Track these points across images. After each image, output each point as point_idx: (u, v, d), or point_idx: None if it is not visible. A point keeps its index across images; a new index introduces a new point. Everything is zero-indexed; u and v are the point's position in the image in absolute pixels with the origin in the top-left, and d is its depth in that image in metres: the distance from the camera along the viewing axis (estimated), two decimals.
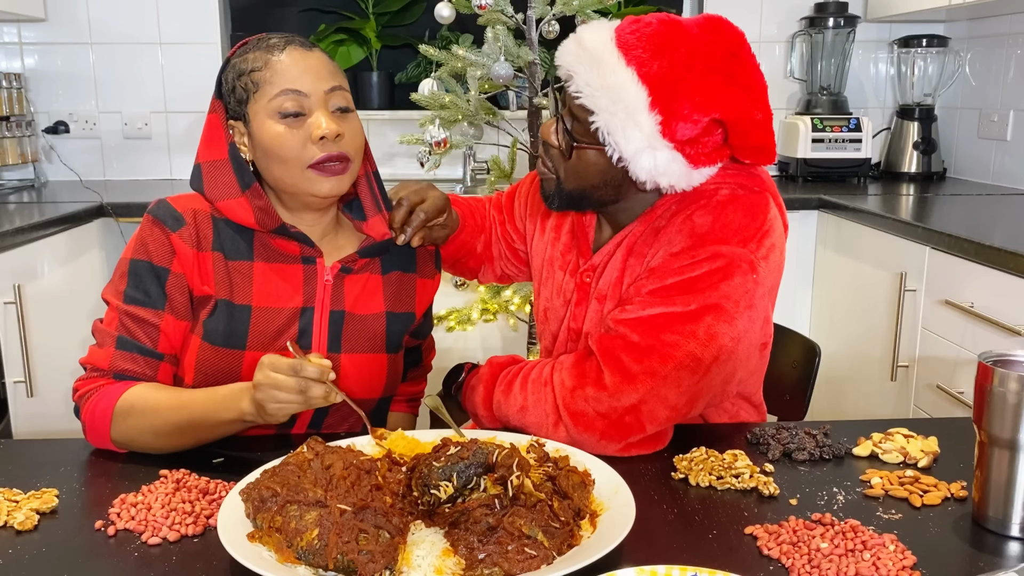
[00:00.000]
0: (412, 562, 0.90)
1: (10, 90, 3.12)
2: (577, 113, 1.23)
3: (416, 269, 1.41)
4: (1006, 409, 0.95)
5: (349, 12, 3.39)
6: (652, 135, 1.18)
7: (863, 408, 2.63)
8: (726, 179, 1.26)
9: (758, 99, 1.22)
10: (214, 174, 1.26)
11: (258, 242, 1.28)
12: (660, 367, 1.17)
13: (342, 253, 1.32)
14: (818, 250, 2.91)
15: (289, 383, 1.06)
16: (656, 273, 1.22)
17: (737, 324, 1.18)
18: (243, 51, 1.26)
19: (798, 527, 0.97)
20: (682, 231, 1.22)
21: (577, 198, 1.30)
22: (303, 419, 1.31)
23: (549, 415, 1.20)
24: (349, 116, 1.25)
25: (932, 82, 3.31)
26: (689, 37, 1.19)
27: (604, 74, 1.18)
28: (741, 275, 1.19)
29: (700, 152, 1.21)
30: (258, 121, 1.22)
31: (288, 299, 1.28)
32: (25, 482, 1.11)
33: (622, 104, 1.17)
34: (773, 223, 1.24)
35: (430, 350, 1.58)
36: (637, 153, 1.19)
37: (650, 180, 1.21)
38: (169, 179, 3.39)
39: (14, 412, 2.32)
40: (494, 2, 2.27)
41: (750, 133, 1.22)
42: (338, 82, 1.25)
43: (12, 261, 2.30)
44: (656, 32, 1.19)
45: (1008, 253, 1.93)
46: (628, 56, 1.18)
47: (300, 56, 1.23)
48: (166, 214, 1.25)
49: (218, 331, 1.25)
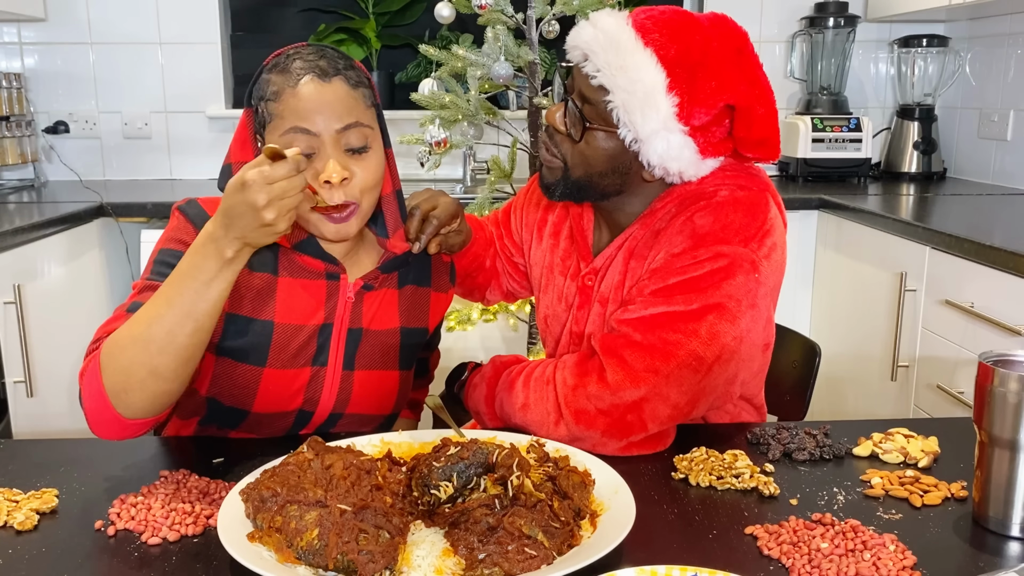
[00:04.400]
0: (412, 562, 0.90)
1: (10, 90, 3.13)
2: (590, 95, 1.23)
3: (431, 283, 1.38)
4: (1006, 409, 0.94)
5: (349, 12, 3.39)
6: (668, 117, 1.19)
7: (863, 408, 2.63)
8: (726, 180, 1.26)
9: (763, 94, 1.24)
10: None
11: (283, 256, 1.25)
12: (662, 365, 1.17)
13: (363, 268, 1.30)
14: (818, 250, 2.91)
15: (281, 169, 0.97)
16: (658, 273, 1.22)
17: (740, 323, 1.18)
18: (272, 67, 1.20)
19: (798, 527, 0.97)
20: (683, 232, 1.22)
21: (581, 187, 1.29)
22: (311, 425, 1.30)
23: (551, 413, 1.20)
24: (365, 155, 1.19)
25: (932, 82, 3.31)
26: (701, 27, 1.22)
27: (622, 54, 1.19)
28: (743, 274, 1.19)
29: (709, 141, 1.23)
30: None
31: (310, 316, 1.25)
32: (25, 482, 1.11)
33: (641, 84, 1.18)
34: (774, 222, 1.25)
35: (435, 361, 1.58)
36: (652, 135, 1.19)
37: (660, 165, 1.22)
38: (169, 179, 3.39)
39: (14, 412, 2.32)
40: (494, 2, 2.27)
41: (755, 125, 1.23)
42: (354, 118, 1.17)
43: (12, 261, 2.30)
44: (671, 19, 1.22)
45: (1008, 253, 1.93)
46: (646, 38, 1.19)
47: (315, 90, 1.15)
48: (197, 215, 1.22)
49: (236, 347, 1.22)
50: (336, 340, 1.26)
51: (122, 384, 1.06)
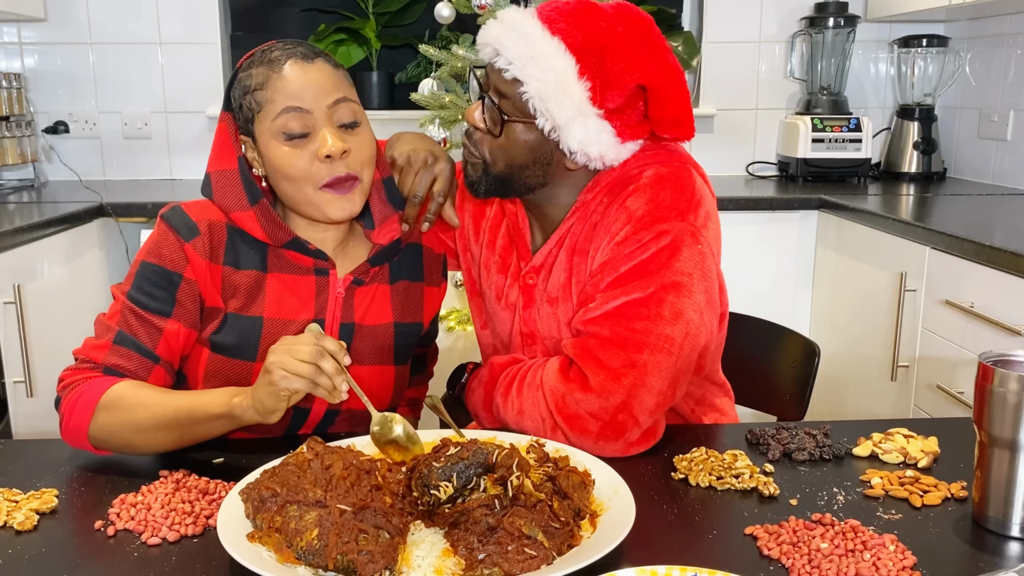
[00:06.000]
0: (412, 562, 0.90)
1: (10, 90, 3.12)
2: (505, 89, 1.24)
3: (423, 278, 1.40)
4: (1006, 409, 0.94)
5: (349, 12, 3.39)
6: (582, 102, 1.21)
7: (863, 408, 2.63)
8: (647, 160, 1.28)
9: (672, 75, 1.25)
10: (223, 184, 1.25)
11: (272, 253, 1.27)
12: (638, 356, 1.18)
13: (354, 262, 1.32)
14: (818, 250, 2.91)
15: (306, 349, 1.03)
16: (608, 265, 1.23)
17: (696, 296, 1.21)
18: (248, 64, 1.24)
19: (798, 527, 0.97)
20: (619, 219, 1.24)
21: (504, 181, 1.29)
22: (307, 425, 1.31)
23: (545, 419, 1.21)
24: (357, 130, 1.23)
25: (932, 82, 3.31)
26: (605, 15, 1.24)
27: (531, 45, 1.21)
28: (688, 248, 1.21)
29: (626, 124, 1.25)
30: (264, 141, 1.21)
31: (300, 311, 1.27)
32: (25, 482, 1.11)
33: (552, 72, 1.20)
34: (702, 192, 1.27)
35: (434, 356, 1.58)
36: (569, 121, 1.21)
37: (581, 151, 1.23)
38: (169, 179, 3.39)
39: (14, 412, 2.32)
40: (494, 2, 2.27)
41: (668, 105, 1.25)
42: (342, 93, 1.22)
43: (12, 261, 2.30)
44: (575, 9, 1.24)
45: (1008, 253, 1.93)
46: (552, 28, 1.22)
47: (301, 70, 1.20)
48: (180, 222, 1.23)
49: (228, 343, 1.24)
50: (328, 335, 1.27)
51: (102, 440, 1.17)
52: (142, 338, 1.22)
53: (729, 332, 1.41)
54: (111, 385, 1.17)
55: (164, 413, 1.13)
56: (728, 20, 3.40)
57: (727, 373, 1.51)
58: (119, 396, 1.16)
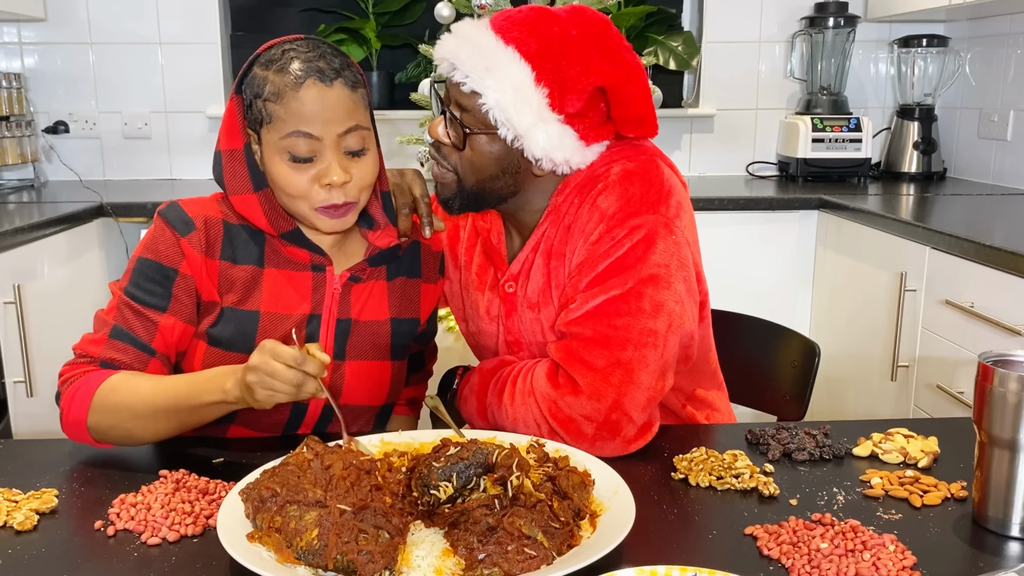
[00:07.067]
0: (412, 562, 0.90)
1: (10, 90, 3.12)
2: (464, 102, 1.24)
3: (421, 275, 1.40)
4: (1006, 409, 0.95)
5: (349, 12, 3.38)
6: (542, 108, 1.21)
7: (863, 408, 2.63)
8: (613, 157, 1.28)
9: (631, 74, 1.25)
10: (233, 164, 1.25)
11: (269, 248, 1.28)
12: (622, 353, 1.18)
13: (350, 260, 1.32)
14: (818, 250, 2.91)
15: (287, 375, 1.05)
16: (585, 265, 1.24)
17: (676, 286, 1.22)
18: (267, 63, 1.20)
19: (798, 527, 0.97)
20: (592, 218, 1.24)
21: (476, 195, 1.30)
22: (306, 423, 1.31)
23: (541, 425, 1.21)
24: (363, 158, 1.23)
25: (932, 82, 3.31)
26: (559, 20, 1.24)
27: (486, 56, 1.21)
28: (662, 240, 1.22)
29: (588, 127, 1.25)
30: (268, 153, 1.21)
31: (296, 306, 1.27)
32: (25, 482, 1.11)
33: (509, 81, 1.20)
34: (671, 182, 1.28)
35: (432, 355, 1.58)
36: (530, 128, 1.21)
37: (545, 157, 1.23)
38: (169, 179, 3.39)
39: (14, 412, 2.32)
40: (494, 2, 2.27)
41: (630, 104, 1.25)
42: (355, 121, 1.20)
43: (12, 261, 2.30)
44: (528, 17, 1.25)
45: (1008, 253, 1.93)
46: (506, 38, 1.22)
47: (318, 94, 1.17)
48: (176, 218, 1.24)
49: (224, 336, 1.25)
50: (325, 330, 1.29)
51: (101, 431, 1.19)
52: (138, 332, 1.22)
53: (729, 332, 1.41)
54: (107, 377, 1.19)
55: (160, 400, 1.15)
56: (728, 20, 3.40)
57: (727, 373, 1.51)
58: (114, 386, 1.17)
